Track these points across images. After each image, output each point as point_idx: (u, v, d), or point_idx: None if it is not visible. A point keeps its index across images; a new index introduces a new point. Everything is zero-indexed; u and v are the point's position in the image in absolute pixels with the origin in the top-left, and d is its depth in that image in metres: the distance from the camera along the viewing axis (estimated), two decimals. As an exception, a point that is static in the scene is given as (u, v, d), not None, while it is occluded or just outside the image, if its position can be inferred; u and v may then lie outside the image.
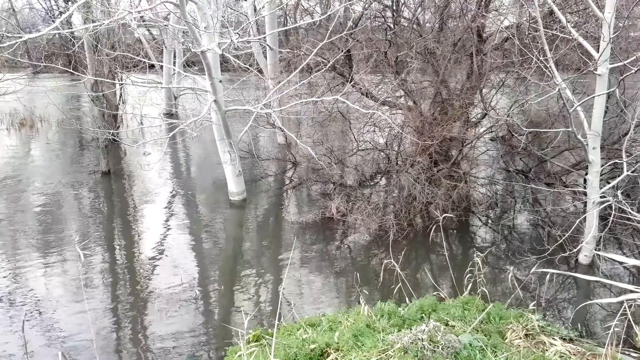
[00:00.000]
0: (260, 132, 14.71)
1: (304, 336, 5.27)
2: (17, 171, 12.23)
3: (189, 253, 8.26)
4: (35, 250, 8.10)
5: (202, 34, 8.55)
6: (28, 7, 29.60)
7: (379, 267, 7.56)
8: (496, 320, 5.57)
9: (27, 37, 5.93)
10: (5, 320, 6.17)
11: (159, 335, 6.03)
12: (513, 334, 5.39)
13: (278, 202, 10.73)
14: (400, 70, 9.33)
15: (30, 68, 24.30)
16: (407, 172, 8.47)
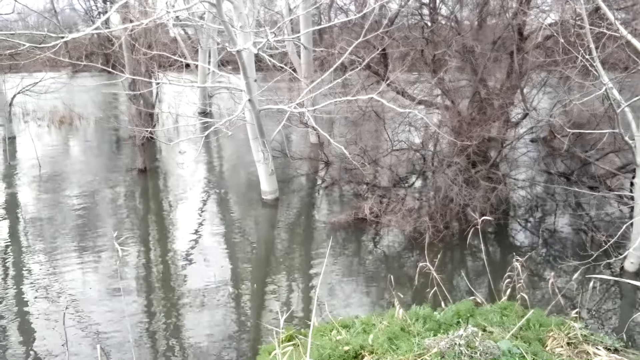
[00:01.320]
0: (292, 132, 14.69)
1: (337, 337, 5.19)
2: (57, 168, 12.53)
3: (221, 251, 8.28)
4: (73, 246, 8.25)
5: (238, 34, 8.56)
6: (69, 8, 30.43)
7: (413, 270, 7.41)
8: (536, 327, 5.36)
9: (70, 37, 6.03)
10: (46, 314, 6.29)
11: (192, 331, 6.04)
12: (554, 342, 5.17)
13: (310, 201, 10.68)
14: (438, 69, 9.14)
15: (70, 67, 24.96)
16: (444, 173, 8.28)
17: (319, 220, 9.43)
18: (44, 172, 12.02)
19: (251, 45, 8.06)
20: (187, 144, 13.94)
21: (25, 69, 16.04)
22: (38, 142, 14.03)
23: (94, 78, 23.66)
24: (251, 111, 9.21)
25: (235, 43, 8.00)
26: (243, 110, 9.33)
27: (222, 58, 19.15)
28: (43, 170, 12.08)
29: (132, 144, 13.91)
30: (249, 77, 8.67)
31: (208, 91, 18.58)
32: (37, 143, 13.68)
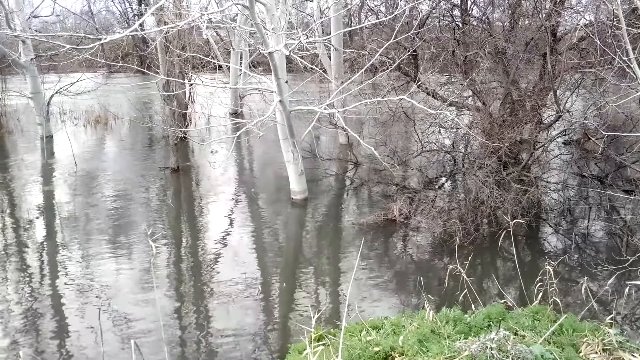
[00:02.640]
0: (322, 132, 14.77)
1: (367, 338, 5.23)
2: (92, 166, 12.88)
3: (251, 249, 8.40)
4: (107, 243, 8.47)
5: (270, 35, 8.67)
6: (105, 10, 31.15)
7: (442, 272, 7.40)
8: (569, 333, 5.30)
9: (108, 39, 6.22)
10: (81, 310, 6.49)
11: (222, 328, 6.15)
12: (588, 348, 5.11)
13: (339, 202, 10.73)
14: (469, 70, 9.08)
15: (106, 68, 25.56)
16: (475, 174, 8.23)
17: (348, 221, 9.47)
18: (80, 170, 12.36)
19: (283, 46, 8.15)
20: (219, 144, 14.16)
21: (63, 70, 16.55)
22: (74, 141, 14.43)
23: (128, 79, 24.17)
24: (282, 112, 9.31)
25: (267, 45, 8.11)
26: (274, 111, 9.45)
27: (253, 59, 19.36)
28: (79, 169, 12.43)
29: (165, 143, 14.21)
30: (280, 78, 8.77)
31: (239, 92, 18.82)
32: (73, 142, 14.07)
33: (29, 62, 14.81)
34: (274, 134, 11.45)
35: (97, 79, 18.17)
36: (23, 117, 18.10)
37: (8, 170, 12.39)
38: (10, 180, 11.66)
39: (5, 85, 17.95)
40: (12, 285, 7.08)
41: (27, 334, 5.98)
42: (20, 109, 18.60)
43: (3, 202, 10.30)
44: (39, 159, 13.56)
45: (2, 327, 6.10)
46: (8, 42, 16.64)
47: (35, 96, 15.23)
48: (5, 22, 14.10)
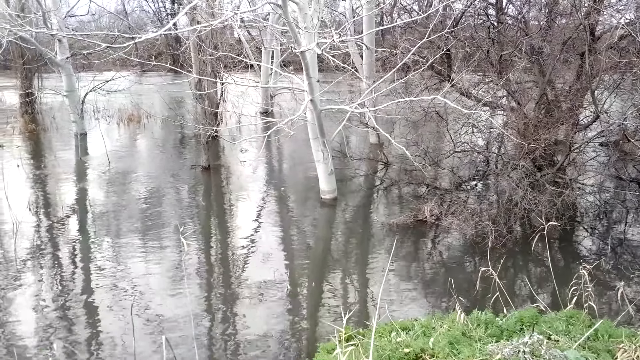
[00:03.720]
0: (352, 132, 14.74)
1: (397, 339, 5.19)
2: (125, 164, 13.11)
3: (280, 248, 8.43)
4: (139, 240, 8.60)
5: (302, 34, 8.68)
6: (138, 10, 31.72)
7: (473, 274, 7.30)
8: (605, 338, 5.16)
9: (143, 38, 6.32)
10: (113, 305, 6.59)
11: (251, 325, 6.17)
12: (625, 355, 4.96)
13: (368, 202, 10.68)
14: (503, 70, 8.92)
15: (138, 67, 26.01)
16: (509, 176, 8.09)
17: (377, 221, 9.42)
18: (113, 167, 12.60)
19: (315, 45, 8.15)
20: (249, 143, 14.26)
21: (97, 68, 16.91)
22: (107, 139, 14.71)
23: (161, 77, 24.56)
24: (312, 111, 9.31)
25: (299, 44, 8.12)
26: (304, 110, 9.45)
27: (284, 58, 19.45)
28: (112, 166, 12.67)
29: (196, 142, 14.38)
30: (311, 77, 8.77)
31: (270, 91, 18.92)
32: (106, 140, 14.35)
33: (64, 60, 15.16)
34: (303, 133, 11.47)
35: (131, 78, 18.49)
36: (58, 115, 18.54)
37: (43, 167, 12.71)
38: (45, 177, 11.95)
39: (41, 83, 18.42)
40: (46, 281, 7.24)
41: (60, 328, 6.10)
42: (55, 106, 19.06)
43: (38, 199, 10.56)
44: (73, 157, 13.87)
45: (37, 320, 6.24)
46: (45, 41, 17.08)
47: (70, 94, 15.58)
48: (42, 21, 14.46)
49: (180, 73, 12.08)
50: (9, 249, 8.08)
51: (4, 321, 6.21)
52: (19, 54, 17.07)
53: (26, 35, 13.53)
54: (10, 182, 10.76)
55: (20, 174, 11.96)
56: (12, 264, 7.62)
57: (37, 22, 14.73)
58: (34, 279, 7.21)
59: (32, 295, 6.80)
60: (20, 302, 6.61)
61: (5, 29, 12.49)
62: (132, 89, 18.52)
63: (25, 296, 6.75)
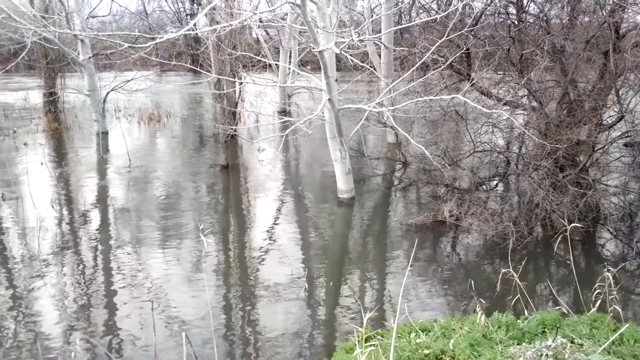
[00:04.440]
0: (369, 131, 14.68)
1: (417, 340, 5.15)
2: (145, 162, 13.25)
3: (297, 247, 8.43)
4: (158, 237, 8.68)
5: (320, 34, 8.67)
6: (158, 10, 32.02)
7: (493, 276, 7.21)
8: (631, 343, 5.04)
9: (165, 38, 6.36)
10: (134, 301, 6.66)
11: (268, 324, 6.18)
12: (651, 360, 4.86)
13: (386, 202, 10.63)
14: (524, 69, 8.80)
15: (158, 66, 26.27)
16: (530, 176, 7.97)
17: (395, 221, 9.37)
18: (133, 166, 12.73)
19: (333, 45, 8.13)
20: (266, 142, 14.31)
21: (118, 68, 17.12)
22: (128, 138, 14.88)
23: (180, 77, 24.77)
24: (330, 110, 9.29)
25: (317, 43, 8.10)
26: (322, 109, 9.44)
27: (302, 58, 19.46)
28: (132, 164, 12.80)
29: (214, 141, 14.47)
30: (329, 76, 8.75)
31: (288, 91, 18.96)
32: (127, 138, 14.52)
33: (86, 60, 15.38)
34: (321, 133, 11.46)
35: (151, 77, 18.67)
36: (80, 114, 18.81)
37: (66, 165, 12.89)
38: (68, 174, 12.13)
39: (64, 82, 18.70)
40: (68, 276, 7.35)
41: (81, 323, 6.18)
42: (77, 105, 19.33)
43: (61, 196, 10.72)
44: (95, 155, 14.05)
45: (59, 315, 6.34)
46: (67, 41, 17.34)
47: (92, 93, 15.79)
48: (65, 21, 14.67)
49: (199, 73, 12.16)
50: (33, 245, 8.21)
51: (28, 314, 6.32)
52: (42, 54, 17.35)
53: (50, 36, 13.74)
54: (35, 179, 10.94)
55: (43, 171, 12.15)
56: (35, 259, 7.75)
57: (60, 23, 14.94)
58: (56, 275, 7.33)
59: (55, 290, 6.91)
60: (44, 297, 6.72)
61: (29, 29, 12.71)
62: (152, 88, 18.70)
63: (48, 291, 6.86)
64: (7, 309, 6.45)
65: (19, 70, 19.88)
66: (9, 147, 14.33)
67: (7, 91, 22.97)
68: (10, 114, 19.11)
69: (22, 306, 6.54)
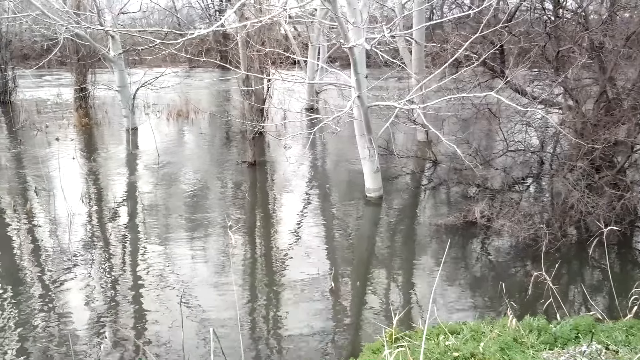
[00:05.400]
0: (398, 129, 14.50)
1: (446, 342, 5.04)
2: (173, 158, 13.35)
3: (324, 246, 8.37)
4: (186, 232, 8.73)
5: (350, 29, 8.57)
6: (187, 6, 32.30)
7: (524, 279, 7.05)
8: (669, 351, 4.86)
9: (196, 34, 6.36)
10: (161, 296, 6.70)
11: (294, 322, 6.16)
12: (692, 370, 4.66)
13: (415, 201, 10.48)
14: (561, 66, 8.54)
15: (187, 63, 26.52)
16: (565, 177, 7.74)
17: (424, 221, 9.23)
18: (162, 161, 12.84)
19: (364, 41, 8.03)
20: (293, 140, 14.27)
21: (147, 64, 17.31)
22: (157, 133, 15.02)
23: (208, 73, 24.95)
24: (359, 107, 9.19)
25: (348, 39, 8.01)
26: (351, 106, 9.34)
27: (331, 54, 19.36)
28: (161, 160, 12.91)
29: (242, 137, 14.50)
30: (359, 73, 8.65)
31: (315, 87, 18.88)
32: (156, 134, 14.65)
33: (117, 56, 15.57)
34: (348, 130, 11.37)
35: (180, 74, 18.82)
36: (110, 110, 19.08)
37: (96, 160, 13.08)
38: (98, 170, 12.30)
39: (94, 78, 19.00)
40: (97, 270, 7.44)
41: (110, 317, 6.25)
42: (107, 101, 19.62)
43: (91, 191, 10.87)
44: (124, 150, 14.23)
45: (89, 308, 6.41)
46: (98, 37, 17.60)
47: (122, 89, 15.99)
48: (96, 18, 14.88)
49: (227, 69, 12.19)
50: (64, 239, 8.34)
51: (58, 307, 6.42)
52: (74, 51, 17.64)
53: (81, 32, 13.95)
54: (66, 174, 11.12)
55: (75, 166, 12.36)
56: (66, 253, 7.87)
57: (92, 19, 15.16)
58: (86, 268, 7.42)
59: (85, 283, 7.01)
60: (74, 290, 6.82)
61: (62, 26, 12.92)
62: (181, 84, 18.84)
63: (78, 285, 6.96)
64: (39, 301, 6.57)
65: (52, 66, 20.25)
66: (42, 142, 14.62)
67: (40, 87, 23.47)
68: (43, 109, 19.50)
69: (53, 298, 6.65)
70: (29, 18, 13.23)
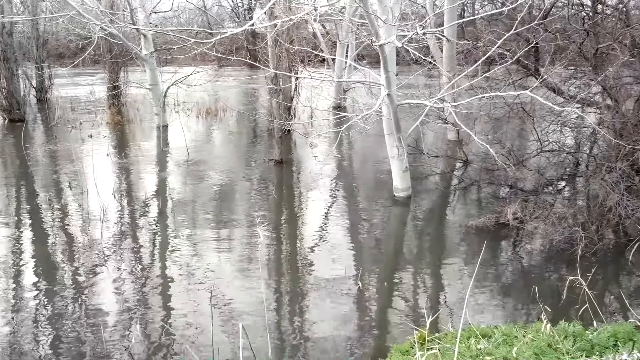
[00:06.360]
0: (428, 128, 14.31)
1: (478, 346, 4.93)
2: (202, 155, 13.47)
3: (351, 245, 8.29)
4: (214, 229, 8.78)
5: (381, 27, 8.47)
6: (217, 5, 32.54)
7: (558, 283, 6.85)
8: None
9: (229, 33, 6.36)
10: (190, 291, 6.74)
11: (320, 320, 6.11)
12: None
13: (444, 202, 10.31)
14: (599, 65, 8.27)
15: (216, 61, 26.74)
16: (602, 179, 7.49)
17: (454, 222, 9.06)
18: (191, 158, 12.96)
19: (395, 38, 7.92)
20: (319, 138, 14.22)
21: (177, 63, 17.50)
22: (187, 131, 15.17)
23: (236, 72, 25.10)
24: (389, 106, 9.08)
25: (378, 37, 7.91)
26: (380, 104, 9.24)
27: (359, 52, 19.23)
28: (190, 157, 13.03)
29: (269, 135, 14.53)
30: (389, 70, 8.54)
31: (343, 85, 18.80)
32: (186, 132, 14.81)
33: (149, 55, 15.77)
34: (375, 129, 11.25)
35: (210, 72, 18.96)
36: (141, 107, 19.36)
37: (128, 157, 13.28)
38: (130, 166, 12.48)
39: (127, 77, 19.30)
40: (128, 263, 7.55)
41: (140, 310, 6.31)
42: (138, 99, 19.91)
43: (122, 187, 11.03)
44: (155, 148, 14.41)
45: (119, 301, 6.50)
46: (131, 36, 17.87)
47: (154, 88, 16.20)
48: (129, 17, 15.10)
49: (256, 68, 12.20)
50: (96, 234, 8.48)
51: (90, 297, 6.56)
52: (107, 49, 17.95)
53: (115, 31, 14.18)
54: (99, 170, 11.31)
55: (107, 162, 12.57)
56: (98, 246, 8.02)
57: (124, 19, 15.39)
58: (117, 262, 7.55)
59: (116, 276, 7.12)
60: (105, 282, 6.95)
61: (96, 25, 13.16)
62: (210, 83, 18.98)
63: (109, 278, 7.07)
64: (72, 291, 6.72)
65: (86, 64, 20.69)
66: (76, 139, 14.92)
67: (75, 85, 23.99)
68: (77, 106, 19.92)
69: (86, 288, 6.78)
70: (65, 18, 13.52)
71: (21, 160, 12.77)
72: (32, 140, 14.98)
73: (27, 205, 9.99)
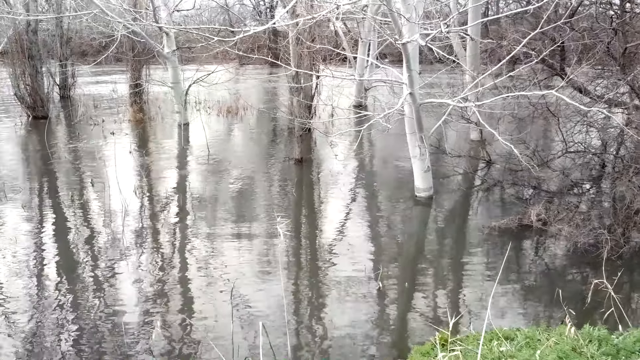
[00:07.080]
0: (450, 127, 14.17)
1: (500, 348, 4.86)
2: (223, 153, 13.54)
3: (371, 245, 8.26)
4: (233, 227, 8.80)
5: (404, 25, 8.40)
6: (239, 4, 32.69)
7: (583, 286, 6.73)
8: None
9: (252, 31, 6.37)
10: (210, 288, 6.79)
11: (341, 320, 6.09)
12: None
13: (467, 202, 10.20)
14: (627, 64, 8.09)
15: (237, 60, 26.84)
16: (630, 180, 7.33)
17: (476, 223, 8.95)
18: (212, 156, 13.03)
19: (418, 37, 7.85)
20: (339, 137, 14.18)
21: (199, 62, 17.59)
22: (207, 129, 15.27)
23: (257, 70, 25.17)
24: (411, 105, 9.00)
25: (402, 35, 7.85)
26: (402, 103, 9.16)
27: (380, 50, 19.11)
28: (211, 155, 13.11)
29: (289, 134, 14.54)
30: (412, 69, 8.47)
31: (364, 84, 18.72)
32: (206, 130, 14.89)
33: (171, 53, 15.89)
34: (397, 128, 11.16)
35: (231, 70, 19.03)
36: (163, 105, 19.54)
37: (150, 154, 13.41)
38: (151, 163, 12.60)
39: (149, 74, 19.48)
40: (149, 259, 7.63)
41: (160, 306, 6.37)
42: (160, 97, 20.09)
43: (144, 183, 11.14)
44: (176, 145, 14.53)
45: (140, 297, 6.56)
46: (153, 34, 18.02)
47: (176, 86, 16.32)
48: (152, 16, 15.22)
49: (277, 66, 12.22)
50: (118, 230, 8.57)
51: (111, 292, 6.65)
52: (129, 47, 18.13)
53: (138, 30, 14.32)
54: (121, 167, 11.44)
55: (129, 159, 12.71)
56: (120, 242, 8.12)
57: (147, 17, 15.52)
58: (138, 258, 7.63)
59: (136, 272, 7.20)
60: (126, 279, 7.02)
61: (120, 23, 13.30)
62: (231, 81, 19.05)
63: (129, 274, 7.15)
64: (94, 286, 6.81)
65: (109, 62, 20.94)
66: (98, 136, 15.12)
67: (97, 83, 24.31)
68: (100, 104, 20.18)
69: (106, 283, 6.88)
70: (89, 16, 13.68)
71: (45, 156, 12.98)
72: (55, 137, 15.23)
73: (50, 201, 10.15)
